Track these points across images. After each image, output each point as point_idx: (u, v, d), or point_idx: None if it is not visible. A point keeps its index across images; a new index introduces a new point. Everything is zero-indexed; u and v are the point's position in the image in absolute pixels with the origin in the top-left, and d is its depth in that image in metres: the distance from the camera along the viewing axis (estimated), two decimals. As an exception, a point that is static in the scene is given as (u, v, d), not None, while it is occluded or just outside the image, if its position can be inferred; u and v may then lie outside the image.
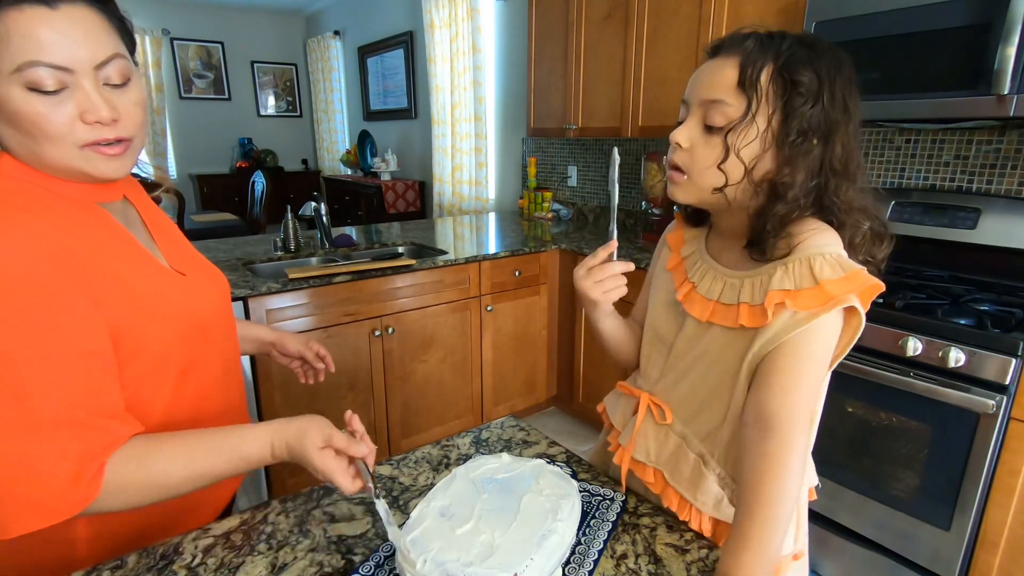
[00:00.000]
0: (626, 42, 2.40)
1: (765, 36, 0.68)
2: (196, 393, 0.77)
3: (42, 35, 0.56)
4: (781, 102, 0.65)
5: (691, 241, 0.84)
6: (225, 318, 0.85)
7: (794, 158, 0.66)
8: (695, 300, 0.77)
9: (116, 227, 0.70)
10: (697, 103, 0.69)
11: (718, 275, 0.75)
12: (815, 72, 0.64)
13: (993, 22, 1.37)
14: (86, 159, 0.63)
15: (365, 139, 5.16)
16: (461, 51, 3.72)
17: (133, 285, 0.68)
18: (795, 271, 0.65)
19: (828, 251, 0.65)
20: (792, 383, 0.64)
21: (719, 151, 0.67)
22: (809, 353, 0.65)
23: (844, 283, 0.63)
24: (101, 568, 0.69)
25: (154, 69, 5.40)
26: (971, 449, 1.37)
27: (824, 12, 1.69)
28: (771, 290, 0.66)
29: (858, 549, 1.63)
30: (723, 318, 0.72)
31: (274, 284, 1.89)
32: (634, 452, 0.83)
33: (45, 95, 0.58)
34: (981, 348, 1.33)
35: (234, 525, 0.77)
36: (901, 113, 1.59)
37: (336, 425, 0.72)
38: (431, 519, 0.64)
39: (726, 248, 0.78)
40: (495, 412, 2.60)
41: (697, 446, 0.78)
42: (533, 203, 3.33)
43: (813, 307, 0.63)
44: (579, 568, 0.67)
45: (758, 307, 0.67)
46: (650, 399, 0.83)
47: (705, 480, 0.76)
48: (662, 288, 0.86)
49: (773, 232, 0.67)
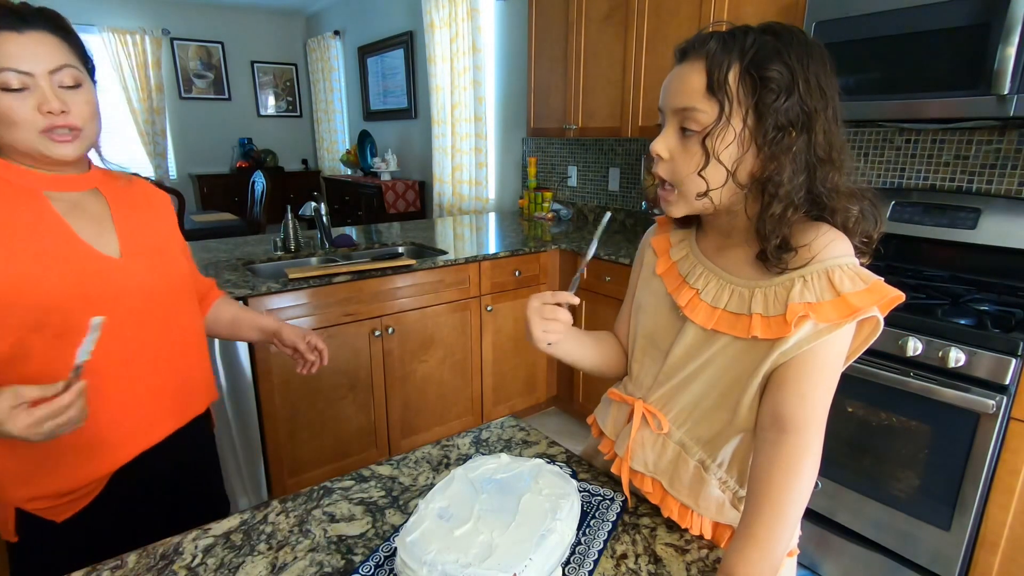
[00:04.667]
0: (626, 42, 2.40)
1: (727, 34, 0.66)
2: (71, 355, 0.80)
3: (11, 50, 0.78)
4: (753, 100, 0.63)
5: (679, 244, 0.81)
6: (160, 299, 0.94)
7: (777, 154, 0.64)
8: (699, 307, 0.73)
9: (47, 211, 0.84)
10: (671, 112, 0.68)
11: (724, 282, 0.72)
12: (784, 64, 0.63)
13: (993, 22, 1.37)
14: (43, 142, 0.82)
15: (365, 139, 5.16)
16: (461, 51, 3.72)
17: (19, 251, 0.80)
18: (815, 284, 0.64)
19: (845, 262, 0.64)
20: (809, 389, 0.65)
21: (699, 157, 0.66)
22: (826, 360, 0.65)
23: (866, 295, 0.63)
24: (101, 568, 0.69)
25: (154, 69, 5.40)
26: (971, 449, 1.37)
27: (824, 12, 1.69)
28: (792, 303, 0.64)
29: (858, 549, 1.63)
30: (730, 327, 0.70)
31: (274, 284, 1.89)
32: (632, 462, 0.81)
33: (12, 92, 0.79)
34: (981, 348, 1.33)
35: (234, 525, 0.77)
36: (901, 113, 1.59)
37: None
38: (430, 520, 0.64)
39: (723, 248, 0.75)
40: (495, 412, 2.60)
41: (697, 453, 0.77)
42: (533, 203, 3.33)
43: (836, 319, 0.63)
44: (579, 568, 0.67)
45: (775, 319, 0.66)
46: (645, 407, 0.81)
47: (706, 486, 0.75)
48: (652, 294, 0.83)
49: (775, 233, 0.65)
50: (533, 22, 2.89)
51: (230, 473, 1.93)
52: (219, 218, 4.37)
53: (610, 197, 3.10)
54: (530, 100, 3.00)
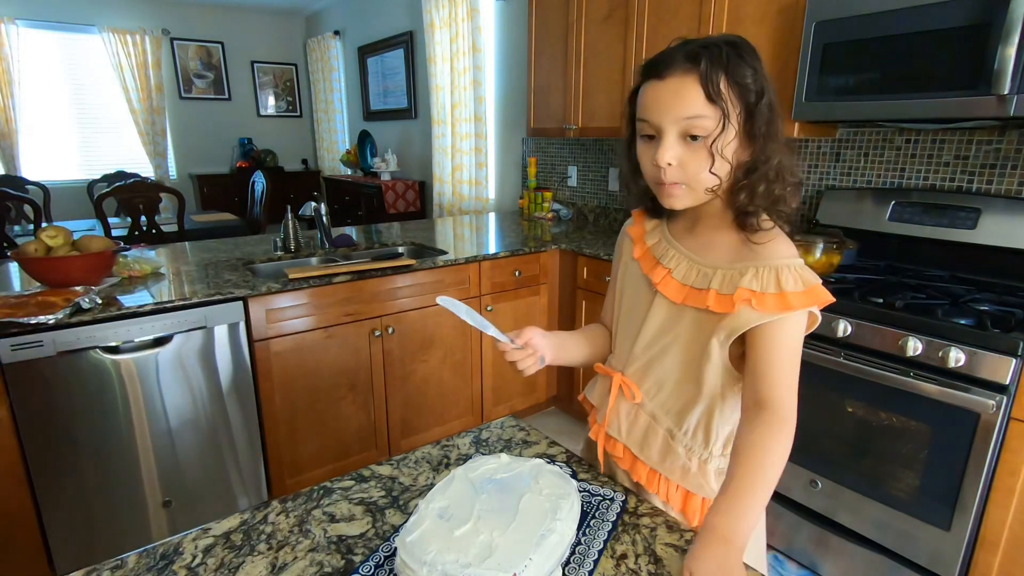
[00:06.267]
0: (626, 42, 2.40)
1: (703, 48, 0.73)
2: None
3: None
4: (743, 103, 0.74)
5: (653, 231, 0.92)
6: None
7: (766, 143, 0.76)
8: (670, 284, 0.84)
9: None
10: (671, 122, 0.75)
11: (692, 263, 0.83)
12: (751, 68, 0.74)
13: (993, 22, 1.37)
14: None
15: (365, 139, 5.16)
16: (461, 51, 3.72)
17: None
18: (764, 276, 0.75)
19: (794, 263, 0.76)
20: (779, 372, 0.75)
21: (706, 158, 0.75)
22: (785, 344, 0.76)
23: (803, 296, 0.74)
24: (101, 568, 0.69)
25: (154, 69, 5.40)
26: (971, 449, 1.37)
27: (824, 12, 1.69)
28: (740, 286, 0.76)
29: (858, 549, 1.63)
30: (695, 300, 0.81)
31: (274, 284, 1.89)
32: (608, 428, 0.92)
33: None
34: (981, 348, 1.33)
35: (234, 525, 0.77)
36: (901, 113, 1.59)
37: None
38: (430, 520, 0.64)
39: (693, 231, 0.86)
40: (495, 412, 2.60)
41: (666, 422, 0.87)
42: (533, 203, 3.33)
43: (773, 311, 0.74)
44: (579, 568, 0.67)
45: (726, 296, 0.77)
46: (622, 379, 0.91)
47: (672, 452, 0.86)
48: (631, 276, 0.94)
49: (757, 204, 0.77)
50: (533, 22, 2.89)
51: (230, 473, 1.93)
52: (219, 218, 4.36)
53: (610, 197, 3.10)
54: (530, 100, 3.00)
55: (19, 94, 4.89)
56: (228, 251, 2.37)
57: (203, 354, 1.80)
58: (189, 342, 1.76)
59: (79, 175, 5.29)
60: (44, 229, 1.74)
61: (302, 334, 1.98)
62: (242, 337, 1.85)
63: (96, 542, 1.72)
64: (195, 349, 1.78)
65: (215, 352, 1.81)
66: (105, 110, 5.37)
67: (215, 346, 1.81)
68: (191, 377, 1.79)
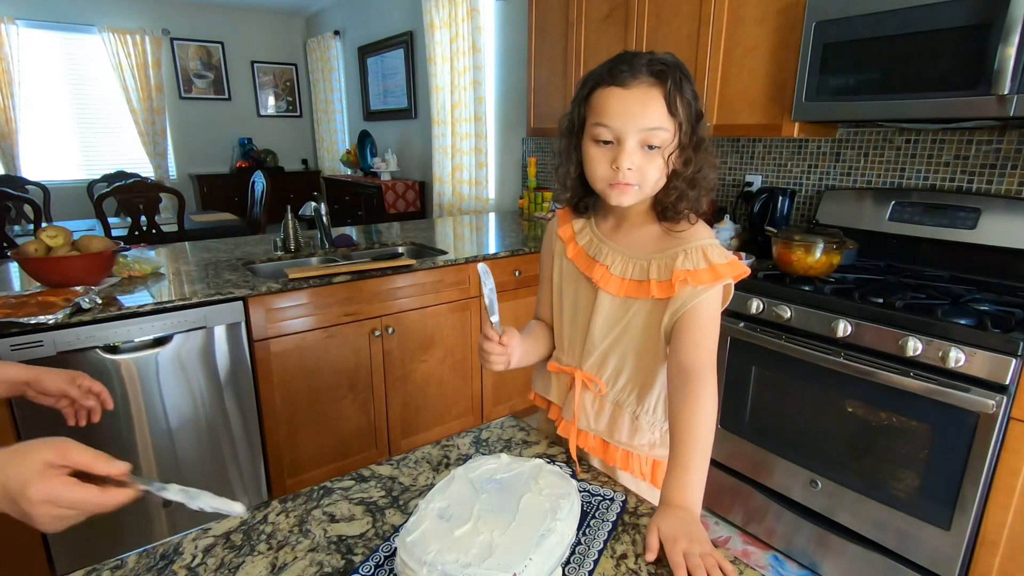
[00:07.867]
0: (626, 42, 2.40)
1: (664, 65, 0.80)
2: None
3: None
4: (688, 119, 0.83)
5: (582, 231, 0.98)
6: None
7: (697, 154, 0.85)
8: (610, 280, 0.90)
9: None
10: (635, 131, 0.81)
11: (627, 258, 0.90)
12: (692, 87, 0.83)
13: (993, 22, 1.37)
14: None
15: (365, 139, 5.15)
16: (461, 51, 3.72)
17: None
18: (694, 256, 0.84)
19: (714, 243, 0.86)
20: (700, 339, 0.83)
21: (660, 164, 0.83)
22: (708, 314, 0.84)
23: (728, 267, 0.84)
24: (101, 568, 0.69)
25: (154, 69, 5.40)
26: (971, 449, 1.37)
27: (824, 12, 1.69)
28: (676, 269, 0.84)
29: (858, 549, 1.63)
30: (637, 292, 0.88)
31: (274, 284, 1.89)
32: (578, 424, 0.97)
33: None
34: (981, 348, 1.33)
35: (234, 525, 0.77)
36: (901, 113, 1.59)
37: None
38: (430, 520, 0.64)
39: (620, 228, 0.93)
40: (495, 412, 2.60)
41: (630, 406, 0.94)
42: (533, 203, 3.33)
43: (708, 283, 0.83)
44: (579, 568, 0.67)
45: (665, 282, 0.85)
46: (583, 375, 0.96)
47: (640, 430, 0.93)
48: (568, 275, 0.99)
49: (680, 202, 0.86)
50: (533, 22, 2.89)
51: (230, 473, 1.93)
52: (219, 218, 4.36)
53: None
54: (530, 100, 3.00)
55: (19, 94, 4.89)
56: (228, 251, 2.37)
57: (203, 354, 1.80)
58: (189, 342, 1.76)
59: (79, 175, 5.29)
60: (44, 229, 1.74)
61: (302, 334, 1.98)
62: (242, 337, 1.85)
63: (96, 542, 1.71)
64: (195, 349, 1.78)
65: (215, 352, 1.81)
66: (105, 110, 5.37)
67: (215, 346, 1.81)
68: (191, 377, 1.79)
